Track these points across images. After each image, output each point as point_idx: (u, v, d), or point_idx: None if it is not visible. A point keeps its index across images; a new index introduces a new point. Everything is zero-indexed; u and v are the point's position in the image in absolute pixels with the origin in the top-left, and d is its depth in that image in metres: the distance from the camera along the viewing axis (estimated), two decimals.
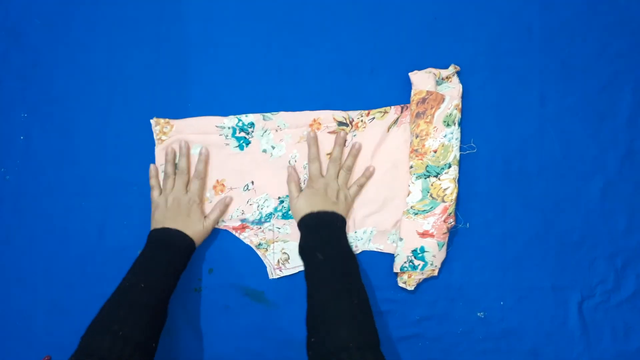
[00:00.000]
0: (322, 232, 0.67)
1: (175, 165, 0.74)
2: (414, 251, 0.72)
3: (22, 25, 0.75)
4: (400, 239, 0.73)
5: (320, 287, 0.62)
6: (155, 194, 0.72)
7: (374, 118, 0.74)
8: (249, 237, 0.75)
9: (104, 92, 0.75)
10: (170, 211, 0.70)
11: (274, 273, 0.75)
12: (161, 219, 0.69)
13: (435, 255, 0.72)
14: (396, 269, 0.73)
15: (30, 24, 0.75)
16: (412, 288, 0.73)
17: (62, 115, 0.75)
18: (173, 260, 0.66)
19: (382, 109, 0.74)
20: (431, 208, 0.72)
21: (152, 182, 0.73)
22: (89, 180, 0.75)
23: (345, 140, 0.74)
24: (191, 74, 0.75)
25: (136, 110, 0.75)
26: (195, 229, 0.70)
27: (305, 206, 0.70)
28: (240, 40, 0.75)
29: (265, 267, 0.75)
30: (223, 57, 0.75)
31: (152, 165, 0.74)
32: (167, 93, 0.75)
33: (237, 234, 0.75)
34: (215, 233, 0.75)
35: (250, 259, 0.75)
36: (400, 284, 0.73)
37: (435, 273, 0.73)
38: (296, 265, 0.74)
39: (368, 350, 0.54)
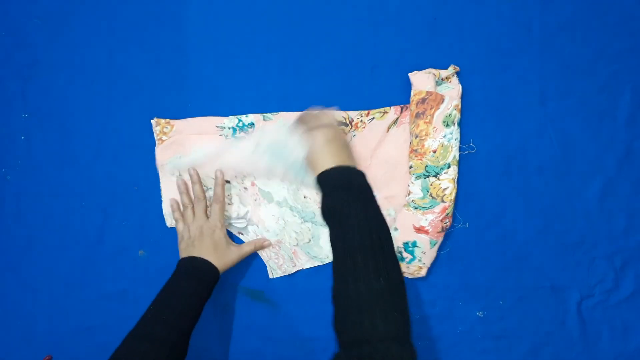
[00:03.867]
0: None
1: (189, 195, 0.73)
2: (406, 244, 0.72)
3: (22, 25, 0.75)
4: (396, 229, 0.72)
5: (347, 259, 0.55)
6: (179, 226, 0.72)
7: (373, 118, 0.74)
8: (249, 237, 0.75)
9: (104, 92, 0.75)
10: (194, 240, 0.69)
11: (274, 273, 0.75)
12: (186, 248, 0.69)
13: (425, 252, 0.72)
14: None
15: (30, 24, 0.75)
16: None
17: (62, 115, 0.75)
18: (198, 289, 0.65)
19: (382, 109, 0.75)
20: (431, 206, 0.72)
21: (176, 215, 0.73)
22: (89, 180, 0.75)
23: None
24: (191, 74, 0.75)
25: (136, 110, 0.75)
26: (219, 256, 0.69)
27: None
28: (240, 40, 0.75)
29: (265, 267, 0.75)
30: (223, 57, 0.75)
31: (172, 200, 0.73)
32: (167, 93, 0.75)
33: (237, 234, 0.75)
34: None
35: (250, 258, 0.75)
36: None
37: (423, 273, 0.73)
38: (296, 265, 0.75)
39: (393, 342, 0.49)
